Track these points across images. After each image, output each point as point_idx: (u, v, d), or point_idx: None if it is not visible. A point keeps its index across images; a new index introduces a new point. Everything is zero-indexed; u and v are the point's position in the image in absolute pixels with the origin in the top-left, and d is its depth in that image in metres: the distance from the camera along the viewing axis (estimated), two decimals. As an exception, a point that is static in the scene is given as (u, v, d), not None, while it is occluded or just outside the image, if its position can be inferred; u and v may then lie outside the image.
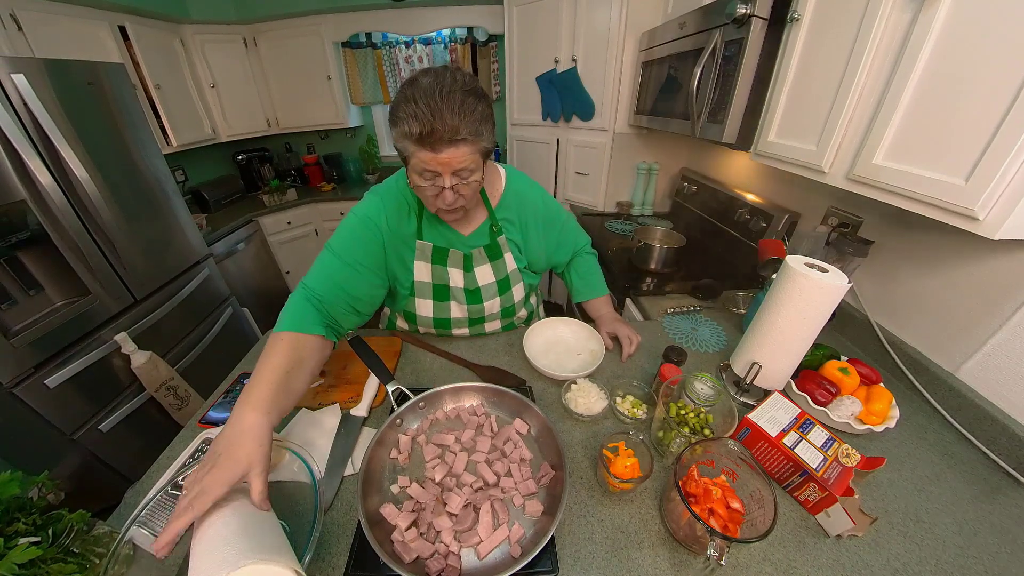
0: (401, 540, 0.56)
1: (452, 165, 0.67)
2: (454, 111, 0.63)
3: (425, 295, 0.93)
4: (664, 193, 2.24)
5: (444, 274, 0.89)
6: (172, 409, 1.61)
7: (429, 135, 0.63)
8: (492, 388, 0.79)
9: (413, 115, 0.63)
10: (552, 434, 0.69)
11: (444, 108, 0.62)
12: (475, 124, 0.65)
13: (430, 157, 0.66)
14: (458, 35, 2.90)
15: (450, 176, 0.68)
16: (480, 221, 0.90)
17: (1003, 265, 0.76)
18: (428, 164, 0.67)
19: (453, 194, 0.71)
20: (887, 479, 0.70)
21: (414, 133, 0.63)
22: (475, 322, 1.01)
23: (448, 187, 0.70)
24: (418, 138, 0.64)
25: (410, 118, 0.63)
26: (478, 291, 0.93)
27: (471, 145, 0.67)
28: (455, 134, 0.64)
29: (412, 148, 0.66)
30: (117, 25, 1.98)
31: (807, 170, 0.92)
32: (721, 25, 1.10)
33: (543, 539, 0.53)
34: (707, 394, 0.74)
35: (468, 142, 0.66)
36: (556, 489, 0.62)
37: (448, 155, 0.65)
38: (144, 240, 1.62)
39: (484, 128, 0.67)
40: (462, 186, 0.71)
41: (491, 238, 0.90)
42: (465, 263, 0.89)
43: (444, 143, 0.64)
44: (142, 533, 0.60)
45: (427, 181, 0.70)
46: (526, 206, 0.93)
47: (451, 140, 0.64)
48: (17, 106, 1.19)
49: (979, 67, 0.60)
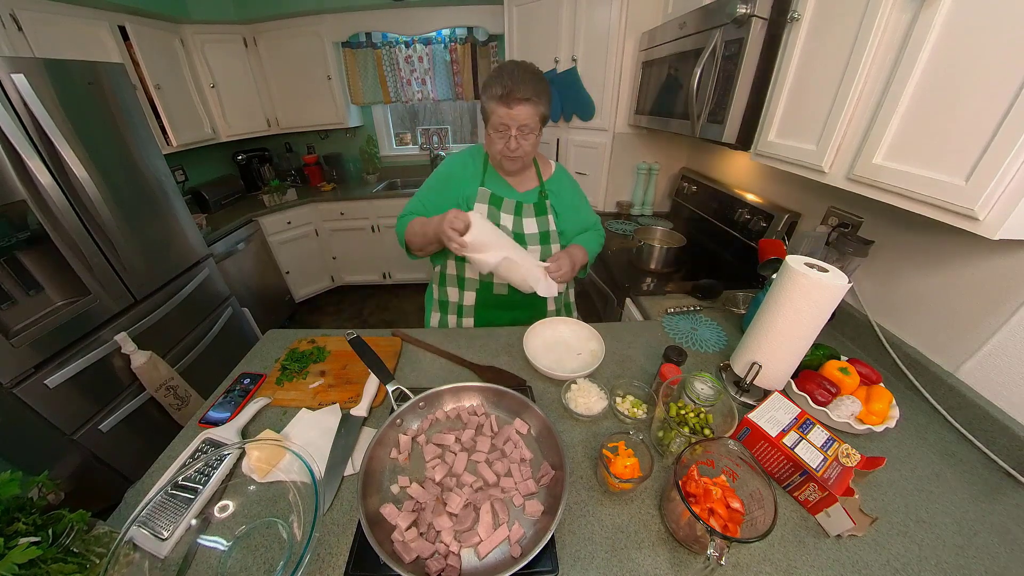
0: (401, 540, 0.56)
1: (519, 119, 0.93)
2: (525, 82, 0.91)
3: None
4: (664, 193, 2.24)
5: (497, 216, 1.07)
6: (172, 409, 1.61)
7: (508, 95, 0.90)
8: (492, 388, 0.79)
9: (499, 82, 0.91)
10: (552, 434, 0.69)
11: (520, 77, 0.91)
12: (538, 91, 0.92)
13: (505, 112, 0.92)
14: (458, 35, 2.90)
15: (516, 129, 0.95)
16: (533, 185, 1.13)
17: (1003, 265, 0.76)
18: (503, 118, 0.93)
19: (516, 142, 0.97)
20: (887, 479, 0.70)
21: (498, 93, 0.91)
22: None
23: (514, 135, 0.95)
24: (500, 97, 0.91)
25: (496, 84, 0.92)
26: (523, 236, 1.09)
27: (534, 106, 0.93)
28: (525, 95, 0.90)
29: (493, 105, 0.93)
30: (117, 25, 1.98)
31: (807, 170, 0.92)
32: (721, 25, 1.10)
33: (543, 539, 0.53)
34: (707, 394, 0.74)
35: (532, 103, 0.92)
36: (556, 489, 0.62)
37: (517, 111, 0.92)
38: (144, 240, 1.62)
39: (544, 97, 0.95)
40: (522, 139, 0.96)
41: (539, 199, 1.12)
42: (516, 209, 1.09)
43: (516, 100, 0.91)
44: (142, 533, 0.60)
45: (499, 133, 0.96)
46: (565, 189, 1.16)
47: (521, 99, 0.91)
48: (17, 106, 1.19)
49: (979, 67, 0.60)
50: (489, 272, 0.95)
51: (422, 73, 3.01)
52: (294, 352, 0.98)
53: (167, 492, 0.64)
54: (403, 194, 2.98)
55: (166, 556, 0.58)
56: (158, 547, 0.58)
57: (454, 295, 1.17)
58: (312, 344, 1.02)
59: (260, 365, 0.99)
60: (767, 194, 1.48)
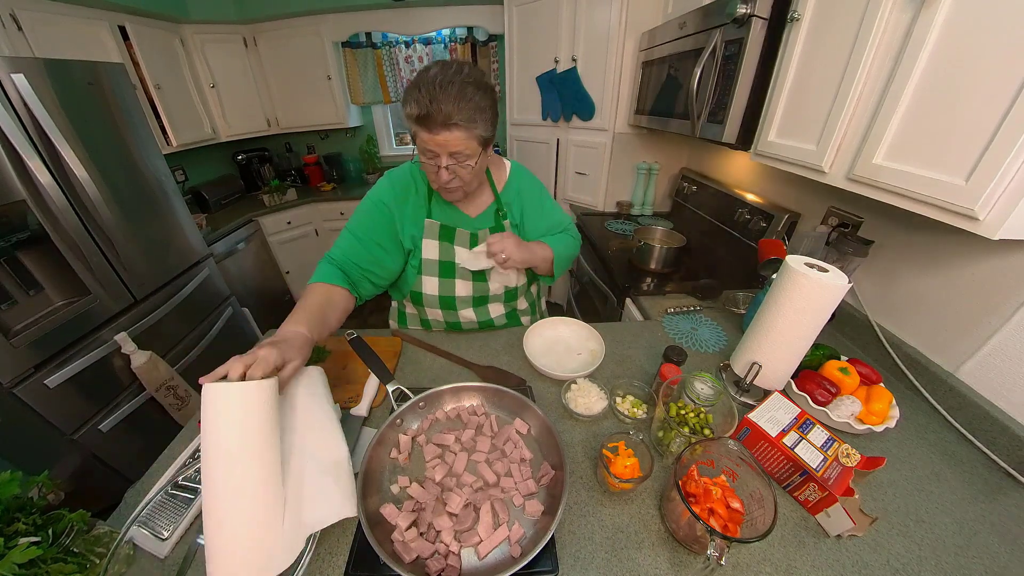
0: (401, 540, 0.56)
1: (448, 147, 0.74)
2: (450, 99, 0.70)
3: (432, 272, 0.97)
4: (664, 193, 2.24)
5: (451, 251, 0.94)
6: (172, 409, 1.61)
7: (426, 118, 0.71)
8: (492, 388, 0.78)
9: (415, 99, 0.71)
10: (552, 434, 0.68)
11: (441, 95, 0.70)
12: (470, 112, 0.72)
13: (428, 137, 0.74)
14: (458, 35, 2.90)
15: (446, 157, 0.76)
16: (487, 204, 0.98)
17: (1003, 265, 0.76)
18: (427, 144, 0.75)
19: (448, 174, 0.79)
20: (887, 479, 0.70)
21: (414, 114, 0.72)
22: (479, 301, 1.02)
23: (444, 167, 0.77)
24: (417, 119, 0.72)
25: (412, 101, 0.72)
26: (484, 272, 0.97)
27: (465, 131, 0.73)
28: (448, 119, 0.71)
29: (414, 128, 0.74)
30: (117, 25, 1.98)
31: (807, 170, 0.92)
32: (721, 25, 1.10)
33: (543, 539, 0.53)
34: (707, 394, 0.74)
35: (461, 127, 0.72)
36: (556, 489, 0.62)
37: (443, 137, 0.73)
38: (144, 240, 1.61)
39: (479, 117, 0.74)
40: (458, 168, 0.79)
41: (496, 220, 0.98)
42: (471, 241, 0.94)
43: (439, 126, 0.72)
44: (142, 533, 0.60)
45: (429, 160, 0.78)
46: (525, 191, 1.01)
47: (445, 124, 0.71)
48: (17, 106, 1.19)
49: (979, 67, 0.60)
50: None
51: (422, 73, 3.02)
52: (294, 352, 0.98)
53: (167, 492, 0.65)
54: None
55: (166, 556, 0.58)
56: (158, 547, 0.58)
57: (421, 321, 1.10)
58: (312, 344, 1.02)
59: (260, 365, 0.99)
60: (767, 194, 1.48)
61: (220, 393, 0.52)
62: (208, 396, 0.51)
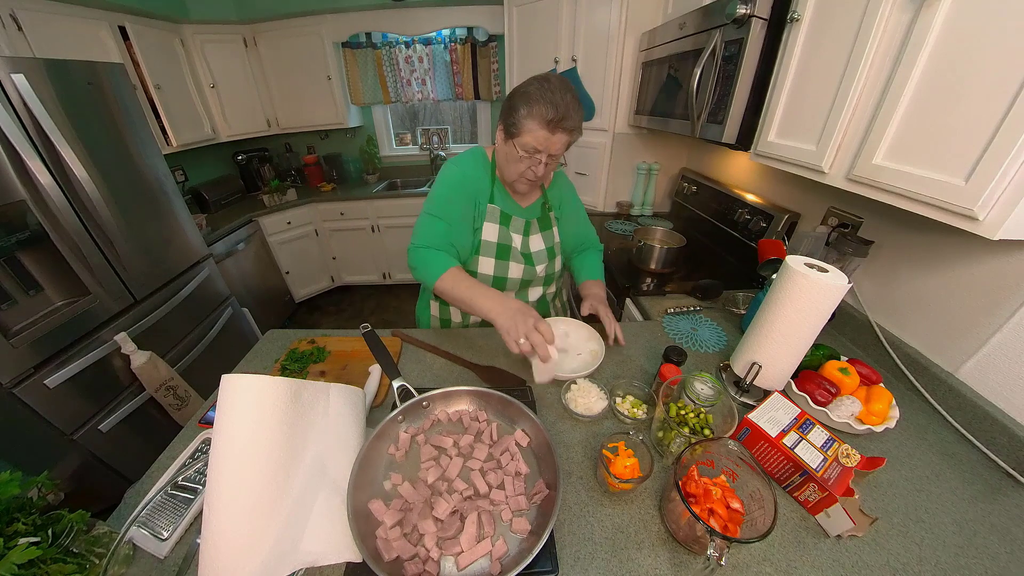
0: (384, 537, 0.56)
1: (556, 147, 0.85)
2: (575, 110, 0.83)
3: (489, 254, 1.02)
4: (664, 193, 2.24)
5: (508, 236, 1.02)
6: (172, 409, 1.61)
7: (559, 121, 0.81)
8: (499, 396, 0.76)
9: (551, 102, 0.81)
10: (551, 451, 0.65)
11: (572, 104, 0.82)
12: (579, 121, 0.85)
13: (545, 137, 0.83)
14: (458, 35, 2.90)
15: (548, 157, 0.87)
16: (535, 198, 1.08)
17: (1003, 265, 0.76)
18: (541, 143, 0.84)
19: (543, 170, 0.90)
20: (887, 479, 0.70)
21: (547, 116, 0.81)
22: (524, 284, 1.08)
23: (544, 163, 0.88)
24: (549, 121, 0.81)
25: (549, 104, 0.81)
26: (531, 255, 1.05)
27: (571, 136, 0.86)
28: (572, 125, 0.83)
29: (532, 125, 0.83)
30: (117, 25, 1.98)
31: (807, 170, 0.92)
32: (721, 25, 1.10)
33: (524, 560, 0.51)
34: (707, 394, 0.74)
35: (573, 133, 0.85)
36: (547, 508, 0.60)
37: (558, 138, 0.84)
38: (144, 240, 1.61)
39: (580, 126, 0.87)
40: (550, 167, 0.90)
41: (543, 212, 1.08)
42: (525, 228, 1.04)
43: (562, 129, 0.83)
44: (142, 533, 0.60)
45: (530, 155, 0.87)
46: (565, 194, 1.14)
47: (566, 128, 0.83)
48: (17, 106, 1.19)
49: (979, 67, 0.60)
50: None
51: (422, 73, 3.01)
52: (294, 352, 0.98)
53: (167, 492, 0.65)
54: (403, 194, 2.98)
55: (166, 556, 0.58)
56: (158, 547, 0.58)
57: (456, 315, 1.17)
58: (312, 344, 1.02)
59: (260, 365, 0.99)
60: (767, 194, 1.49)
61: (238, 384, 0.54)
62: (226, 386, 0.55)
